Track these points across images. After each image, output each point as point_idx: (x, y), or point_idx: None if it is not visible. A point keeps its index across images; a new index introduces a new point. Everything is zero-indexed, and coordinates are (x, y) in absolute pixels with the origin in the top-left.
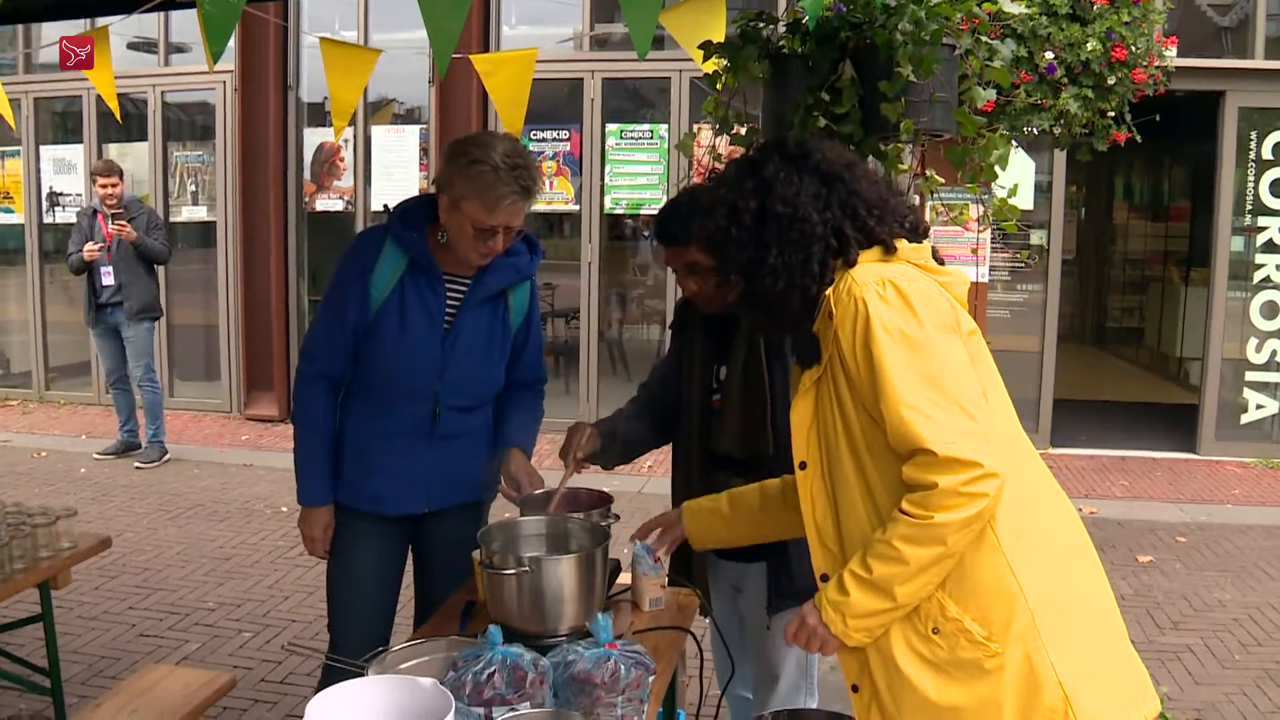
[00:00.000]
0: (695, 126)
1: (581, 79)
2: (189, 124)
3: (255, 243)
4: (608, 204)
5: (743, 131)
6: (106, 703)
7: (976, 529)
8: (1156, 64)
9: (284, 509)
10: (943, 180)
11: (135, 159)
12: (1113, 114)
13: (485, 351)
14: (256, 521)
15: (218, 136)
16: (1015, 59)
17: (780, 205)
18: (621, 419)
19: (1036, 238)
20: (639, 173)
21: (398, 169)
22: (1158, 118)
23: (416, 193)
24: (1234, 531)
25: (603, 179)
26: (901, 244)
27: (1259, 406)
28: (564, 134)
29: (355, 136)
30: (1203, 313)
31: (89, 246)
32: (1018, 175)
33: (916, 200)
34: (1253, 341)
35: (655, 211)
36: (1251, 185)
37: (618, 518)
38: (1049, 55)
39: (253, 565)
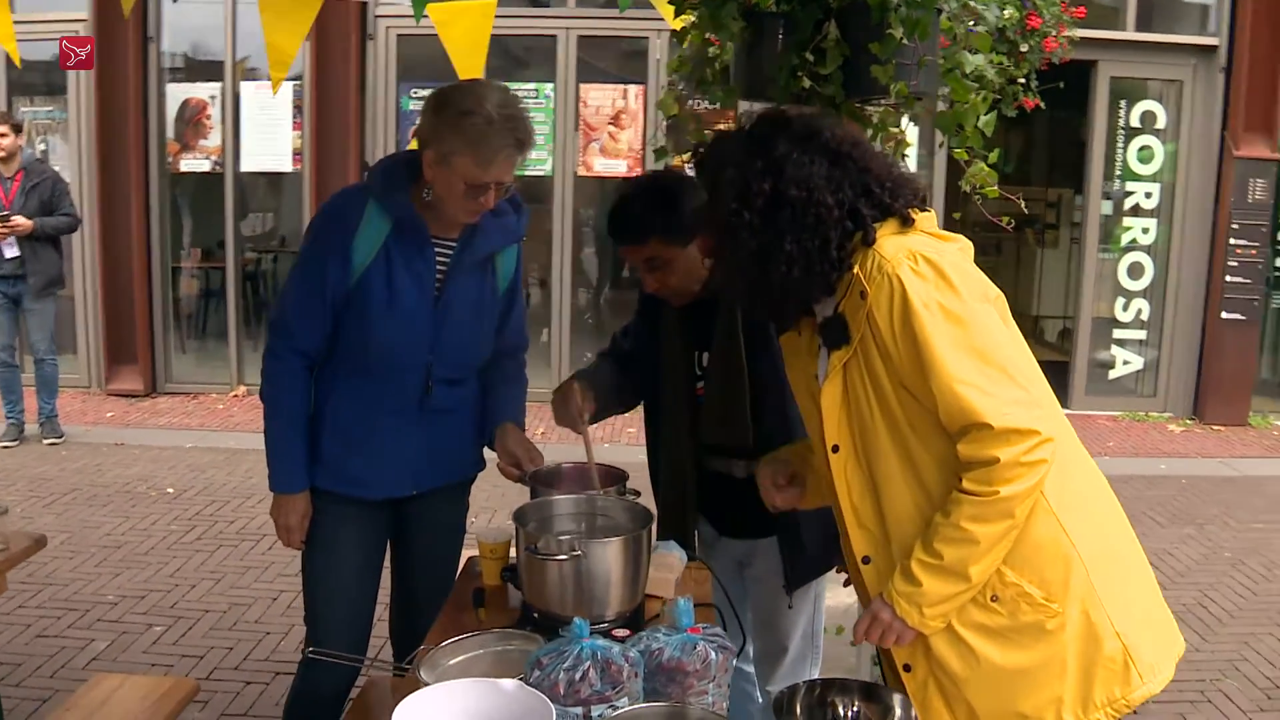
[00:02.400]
0: (667, 82)
1: None
2: (38, 78)
3: (115, 206)
4: None
5: (719, 91)
6: None
7: (1035, 495)
8: (1065, 33)
9: (169, 490)
10: (910, 142)
11: None
12: (1022, 80)
13: (475, 318)
14: (142, 505)
15: (70, 92)
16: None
17: (794, 189)
18: (599, 379)
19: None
20: None
21: (269, 127)
22: (1062, 85)
23: (290, 152)
24: (1117, 483)
25: None
26: (917, 214)
27: (1125, 363)
28: None
29: (223, 93)
30: (1061, 273)
31: None
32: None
33: None
34: (1120, 301)
35: (541, 173)
36: (1120, 152)
37: (638, 494)
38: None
39: (148, 553)
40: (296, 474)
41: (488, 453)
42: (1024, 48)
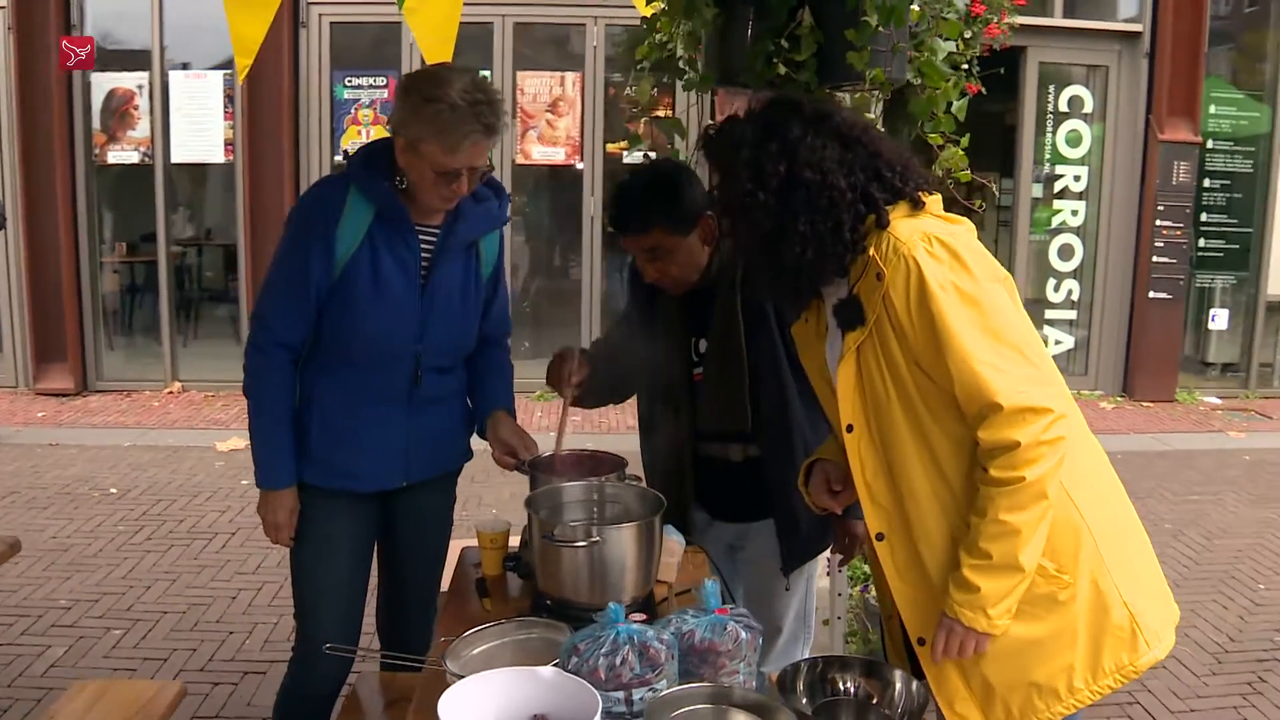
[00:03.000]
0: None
1: (399, 22)
2: None
3: (39, 200)
4: None
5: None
6: None
7: (1060, 471)
8: (1006, 19)
9: (112, 490)
10: (881, 129)
11: None
12: (966, 66)
13: (462, 306)
14: (85, 506)
15: None
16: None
17: (808, 171)
18: (596, 354)
19: None
20: None
21: (200, 117)
22: (1003, 70)
23: (222, 143)
24: None
25: None
26: (926, 198)
27: (1057, 342)
28: (380, 80)
29: (151, 82)
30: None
31: None
32: None
33: None
34: (1051, 282)
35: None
36: (1049, 136)
37: (639, 479)
38: (915, 8)
39: (96, 555)
40: (284, 469)
41: (480, 442)
42: (967, 34)
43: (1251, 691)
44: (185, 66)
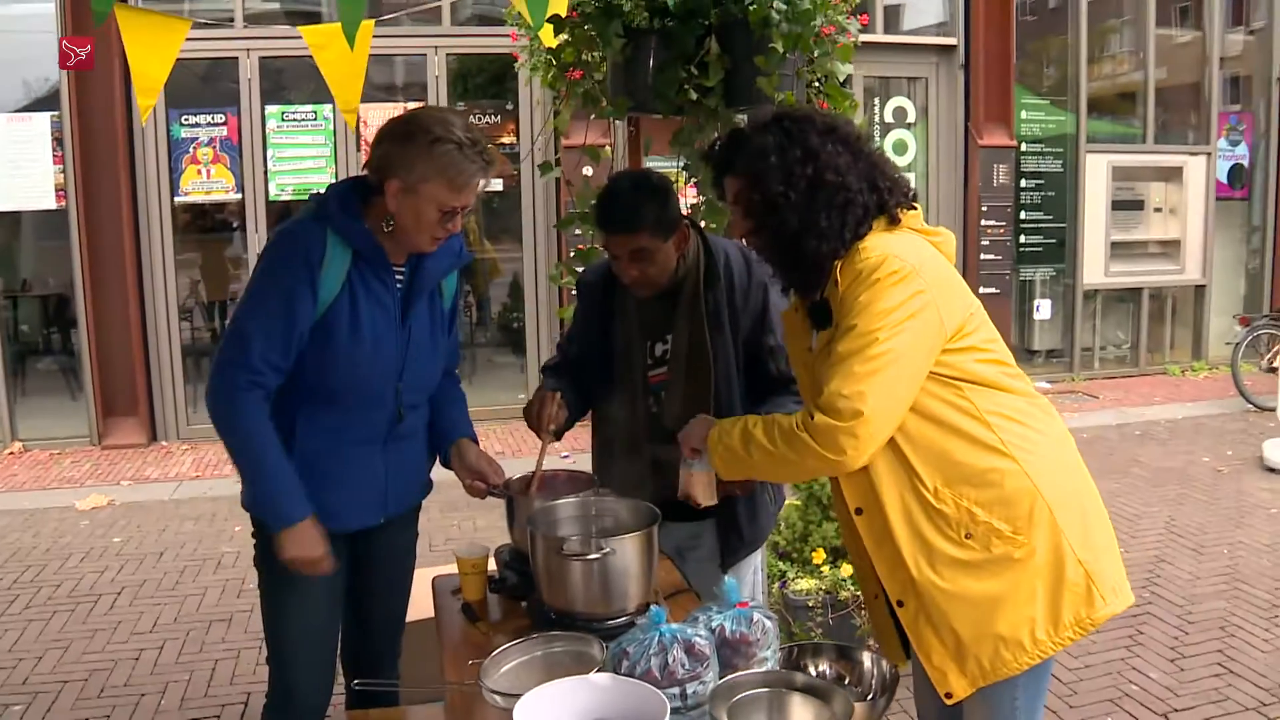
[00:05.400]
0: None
1: (235, 58)
2: None
3: None
4: (273, 190)
5: (606, 105)
6: None
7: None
8: (851, 38)
9: None
10: None
11: None
12: (815, 84)
13: (431, 343)
14: None
15: None
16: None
17: (830, 174)
18: (568, 394)
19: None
20: (305, 156)
21: (24, 163)
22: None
23: (52, 188)
24: None
25: (265, 164)
26: (904, 214)
27: None
28: (219, 118)
29: None
30: None
31: None
32: None
33: None
34: None
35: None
36: (878, 145)
37: (608, 490)
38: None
39: None
40: (300, 501)
41: (444, 472)
42: (815, 53)
43: (1133, 644)
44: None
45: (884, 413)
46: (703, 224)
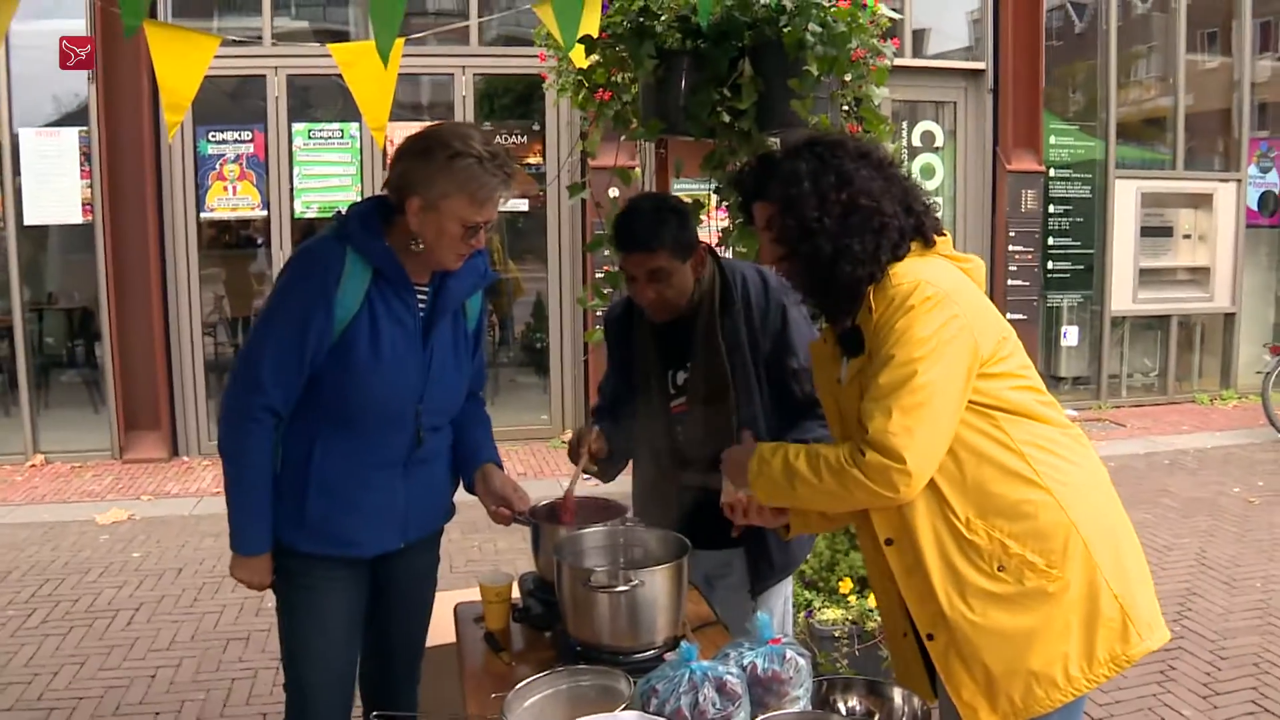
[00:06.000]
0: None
1: (263, 75)
2: None
3: None
4: (298, 208)
5: (637, 127)
6: None
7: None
8: (884, 61)
9: None
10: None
11: None
12: (845, 107)
13: (455, 364)
14: None
15: None
16: None
17: (864, 199)
18: (606, 427)
19: None
20: (330, 174)
21: (54, 177)
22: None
23: (79, 202)
24: None
25: (291, 182)
26: (937, 238)
27: None
28: (246, 135)
29: (0, 142)
30: None
31: None
32: None
33: None
34: None
35: None
36: (905, 169)
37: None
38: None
39: None
40: (265, 535)
41: (467, 497)
42: (847, 77)
43: (1165, 679)
44: (34, 124)
45: (932, 446)
46: (735, 249)
